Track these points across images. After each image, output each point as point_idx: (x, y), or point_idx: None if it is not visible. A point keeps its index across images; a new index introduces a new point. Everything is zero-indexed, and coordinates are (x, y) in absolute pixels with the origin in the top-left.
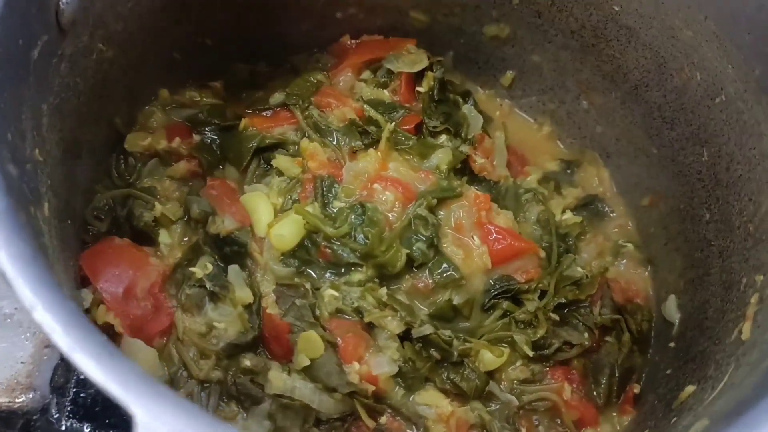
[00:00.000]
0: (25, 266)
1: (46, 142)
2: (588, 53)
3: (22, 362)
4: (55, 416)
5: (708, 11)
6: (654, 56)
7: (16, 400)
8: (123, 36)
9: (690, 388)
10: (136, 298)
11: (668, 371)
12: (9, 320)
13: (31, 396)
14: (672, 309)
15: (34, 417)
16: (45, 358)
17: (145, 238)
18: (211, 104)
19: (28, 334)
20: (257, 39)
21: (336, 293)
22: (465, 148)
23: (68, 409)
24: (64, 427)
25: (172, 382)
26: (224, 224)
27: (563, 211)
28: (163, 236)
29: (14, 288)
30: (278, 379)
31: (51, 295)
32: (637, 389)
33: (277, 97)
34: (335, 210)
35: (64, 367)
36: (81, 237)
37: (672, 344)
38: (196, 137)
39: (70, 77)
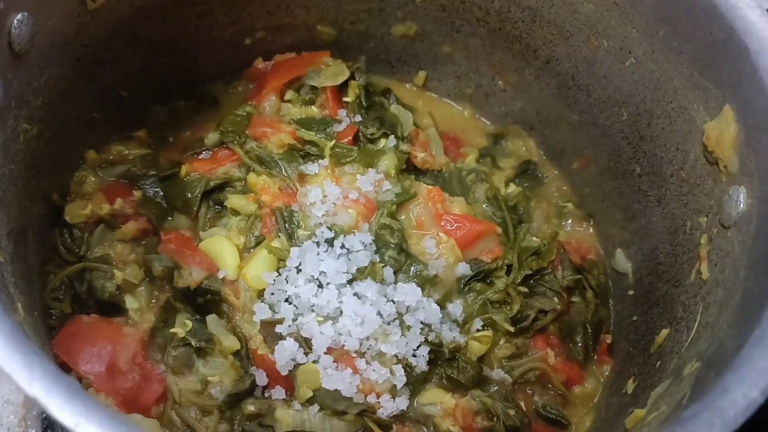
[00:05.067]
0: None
1: (1, 240)
2: (496, 37)
3: None
4: None
5: None
6: (559, 31)
7: None
8: (43, 109)
9: (664, 332)
10: (122, 372)
11: (634, 318)
12: None
13: None
14: (621, 261)
15: None
16: None
17: (112, 308)
18: (140, 155)
19: (2, 430)
20: (171, 78)
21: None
22: (404, 147)
23: None
24: None
25: None
26: (192, 276)
27: (506, 184)
28: (130, 302)
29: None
30: (287, 416)
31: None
32: (609, 339)
33: (212, 137)
34: (301, 239)
35: None
36: (47, 324)
37: (631, 292)
38: (137, 193)
39: (5, 166)
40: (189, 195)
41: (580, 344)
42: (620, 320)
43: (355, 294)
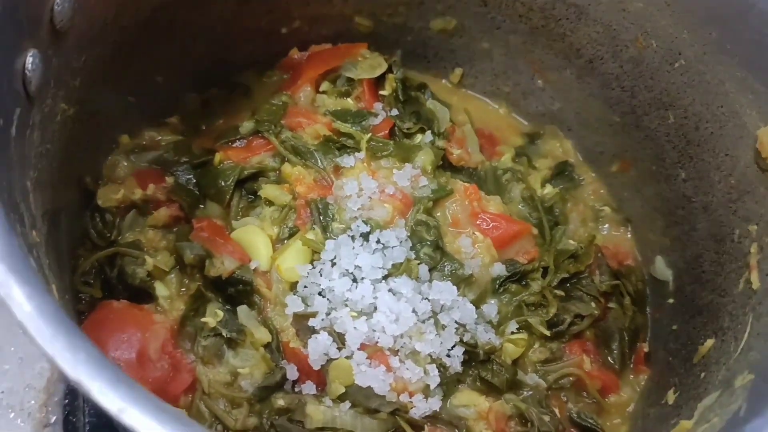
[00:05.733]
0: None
1: (36, 220)
2: (538, 34)
3: None
4: None
5: None
6: (605, 30)
7: None
8: (81, 91)
9: (709, 342)
10: (151, 360)
11: (674, 327)
12: None
13: None
14: (662, 268)
15: None
16: None
17: (142, 295)
18: (173, 141)
19: (23, 416)
20: (205, 66)
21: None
22: (441, 143)
23: None
24: None
25: None
26: (224, 265)
27: (542, 185)
28: (160, 289)
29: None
30: (317, 412)
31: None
32: (646, 348)
33: (247, 126)
34: (336, 232)
35: None
36: (76, 309)
37: (671, 300)
38: (169, 180)
39: (42, 145)
40: (222, 183)
41: (616, 352)
42: (658, 329)
43: (390, 290)
